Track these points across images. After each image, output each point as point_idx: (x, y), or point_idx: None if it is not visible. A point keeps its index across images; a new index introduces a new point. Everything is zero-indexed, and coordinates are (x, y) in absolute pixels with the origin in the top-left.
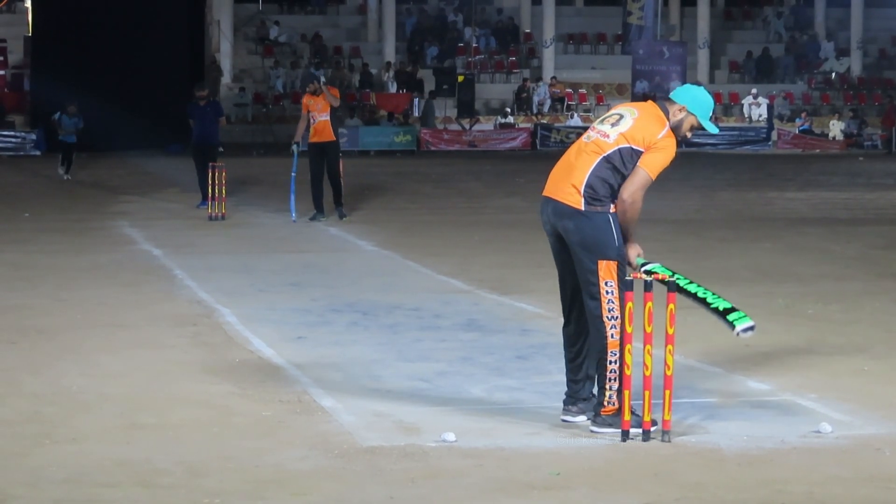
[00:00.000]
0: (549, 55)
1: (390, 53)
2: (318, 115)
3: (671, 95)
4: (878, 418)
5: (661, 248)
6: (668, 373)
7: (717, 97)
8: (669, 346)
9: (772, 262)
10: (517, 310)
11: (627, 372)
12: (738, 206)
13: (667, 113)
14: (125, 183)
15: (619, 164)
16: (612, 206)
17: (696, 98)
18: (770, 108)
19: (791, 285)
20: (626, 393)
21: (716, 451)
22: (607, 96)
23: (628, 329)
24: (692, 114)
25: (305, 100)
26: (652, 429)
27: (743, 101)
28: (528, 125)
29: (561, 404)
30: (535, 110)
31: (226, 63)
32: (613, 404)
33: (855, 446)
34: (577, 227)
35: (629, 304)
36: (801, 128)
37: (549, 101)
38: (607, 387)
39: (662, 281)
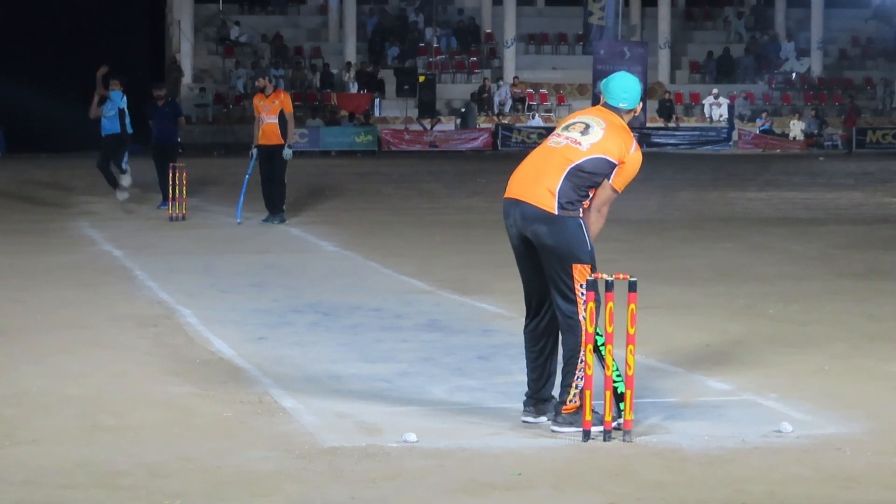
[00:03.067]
0: (510, 55)
1: (351, 54)
2: (266, 116)
3: (609, 100)
4: (839, 418)
5: (623, 249)
6: (630, 372)
7: (677, 97)
8: (630, 346)
9: (732, 262)
10: (478, 310)
11: (589, 372)
12: (699, 206)
13: (621, 117)
14: (85, 183)
15: (591, 172)
16: (581, 210)
17: (632, 94)
18: (731, 108)
19: (752, 285)
20: (588, 393)
21: (677, 451)
22: (568, 96)
23: (589, 329)
24: (635, 108)
25: (256, 100)
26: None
27: (704, 102)
28: (490, 125)
29: (521, 403)
30: (496, 111)
31: (186, 63)
32: (575, 402)
33: (815, 446)
34: (550, 232)
35: (590, 304)
36: (761, 128)
37: (510, 102)
38: (573, 384)
39: None
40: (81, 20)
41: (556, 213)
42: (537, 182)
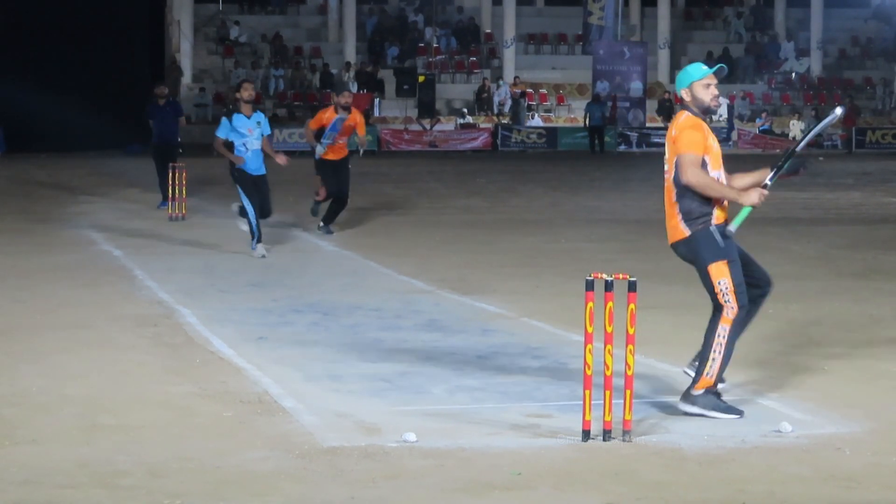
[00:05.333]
0: (509, 55)
1: (351, 54)
2: (340, 137)
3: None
4: (838, 417)
5: (623, 249)
6: (629, 372)
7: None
8: (630, 346)
9: None
10: (478, 310)
11: (588, 372)
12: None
13: (683, 107)
14: (85, 183)
15: (678, 181)
16: (712, 219)
17: (685, 75)
18: (730, 108)
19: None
20: (587, 392)
21: (677, 451)
22: (568, 96)
23: (588, 329)
24: (691, 85)
25: (327, 116)
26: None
27: None
28: (489, 125)
29: (521, 404)
30: (495, 110)
31: (186, 63)
32: (711, 377)
33: (815, 445)
34: (688, 251)
35: (590, 304)
36: (761, 128)
37: (509, 102)
38: (711, 358)
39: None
40: (81, 20)
41: (688, 233)
42: (667, 221)
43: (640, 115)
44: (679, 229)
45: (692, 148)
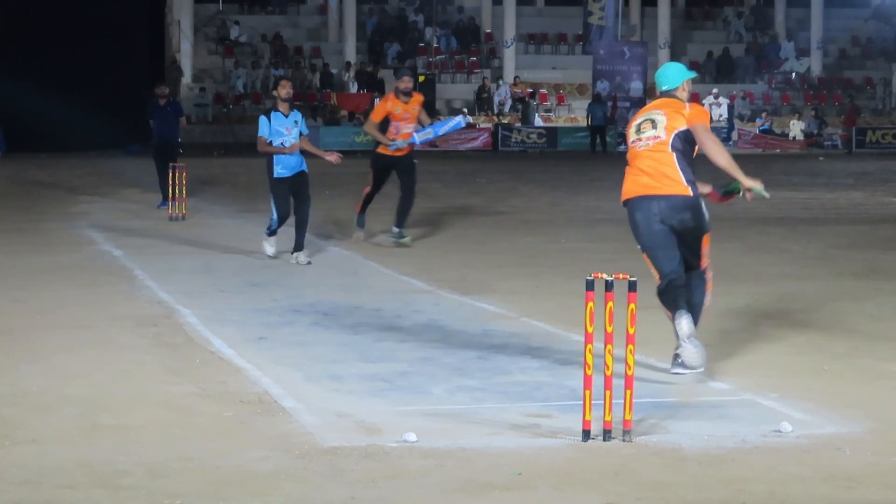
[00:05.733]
0: (509, 55)
1: (351, 53)
2: (405, 125)
3: (665, 87)
4: (838, 417)
5: (624, 249)
6: (629, 372)
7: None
8: (630, 346)
9: (733, 262)
10: (478, 310)
11: (588, 372)
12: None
13: (673, 98)
14: (85, 183)
15: (682, 147)
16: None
17: (680, 71)
18: (731, 108)
19: (752, 285)
20: (587, 392)
21: (677, 451)
22: (568, 96)
23: (589, 329)
24: (685, 82)
25: (389, 105)
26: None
27: (703, 101)
28: (489, 125)
29: (521, 404)
30: (496, 110)
31: (186, 63)
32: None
33: (815, 445)
34: (693, 217)
35: (590, 304)
36: (761, 128)
37: (510, 102)
38: (700, 319)
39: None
40: (81, 20)
41: (692, 194)
42: (659, 177)
43: None
44: (683, 186)
45: (705, 118)
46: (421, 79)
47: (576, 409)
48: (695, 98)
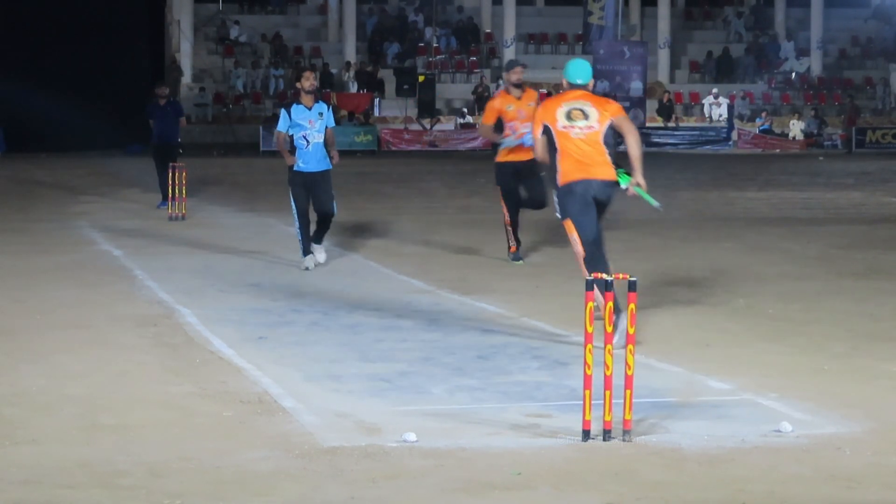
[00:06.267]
0: (509, 55)
1: (351, 53)
2: (522, 125)
3: (579, 80)
4: (839, 417)
5: (623, 248)
6: (629, 372)
7: (677, 97)
8: (630, 346)
9: (732, 262)
10: (478, 310)
11: (588, 372)
12: (699, 205)
13: (585, 89)
14: (85, 183)
15: (608, 136)
16: None
17: (588, 67)
18: (730, 107)
19: (751, 285)
20: (587, 392)
21: (677, 451)
22: None
23: (589, 329)
24: (589, 83)
25: (500, 103)
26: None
27: (703, 101)
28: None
29: (521, 403)
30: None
31: (186, 63)
32: None
33: (815, 445)
34: (614, 193)
35: (590, 304)
36: (761, 128)
37: None
38: None
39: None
40: (81, 20)
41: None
42: (596, 163)
43: (641, 114)
44: (612, 170)
45: (625, 114)
46: (421, 79)
47: (576, 409)
48: (694, 98)
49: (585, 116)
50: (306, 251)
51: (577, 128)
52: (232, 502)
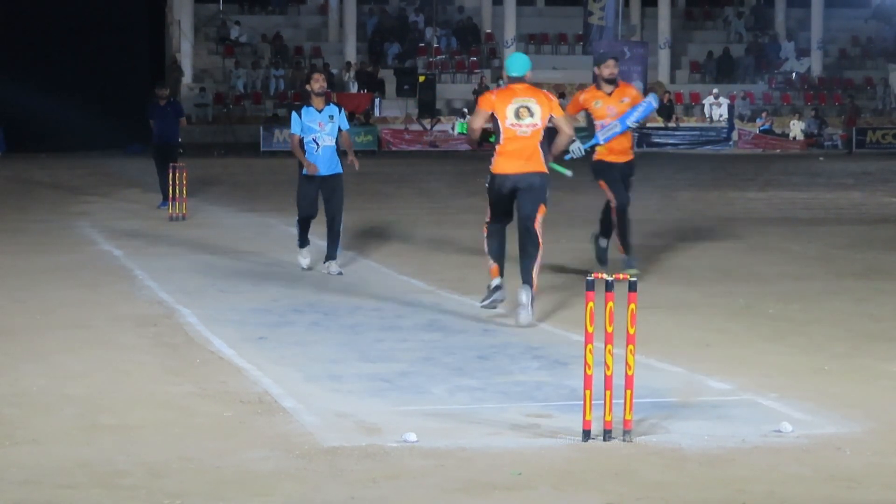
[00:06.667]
0: (509, 55)
1: (351, 53)
2: (612, 124)
3: (515, 73)
4: (839, 417)
5: None
6: (630, 372)
7: (677, 97)
8: (630, 346)
9: (732, 262)
10: (478, 310)
11: (589, 372)
12: (699, 205)
13: (524, 81)
14: (85, 183)
15: (546, 131)
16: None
17: (526, 60)
18: (731, 108)
19: (752, 285)
20: (588, 392)
21: (677, 451)
22: (569, 96)
23: (589, 329)
24: (529, 71)
25: (590, 97)
26: None
27: (704, 101)
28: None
29: (522, 404)
30: None
31: (186, 63)
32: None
33: (815, 445)
34: (540, 183)
35: (590, 304)
36: (761, 128)
37: None
38: (536, 274)
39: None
40: (81, 20)
41: (546, 171)
42: (531, 158)
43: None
44: (542, 164)
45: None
46: (421, 79)
47: (576, 409)
48: (694, 98)
49: (531, 114)
50: (302, 243)
51: (524, 126)
52: (232, 502)
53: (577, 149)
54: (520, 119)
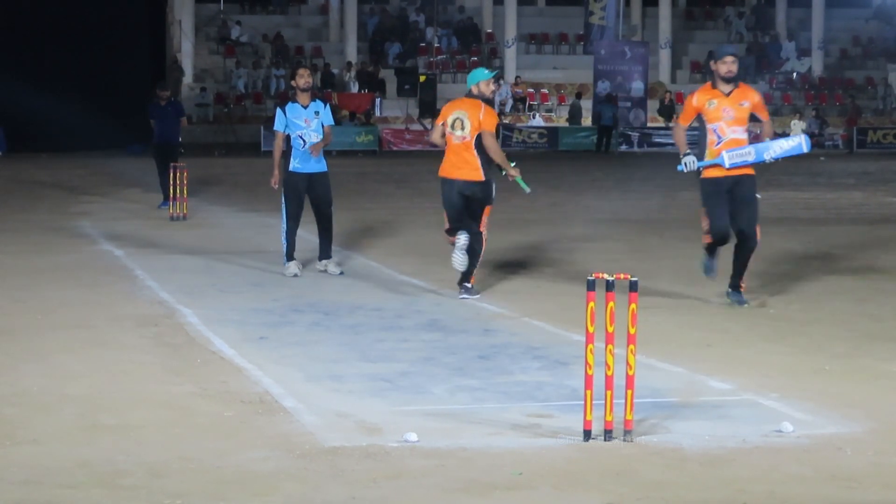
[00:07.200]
0: (510, 55)
1: (352, 53)
2: (729, 129)
3: (468, 86)
4: (839, 417)
5: (624, 248)
6: (630, 372)
7: (678, 97)
8: (631, 346)
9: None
10: (479, 310)
11: (589, 372)
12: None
13: (477, 97)
14: (86, 183)
15: (479, 145)
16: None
17: (476, 75)
18: None
19: (752, 285)
20: (588, 392)
21: (678, 451)
22: (569, 96)
23: (590, 329)
24: (479, 83)
25: (697, 99)
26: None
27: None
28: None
29: (522, 403)
30: (496, 110)
31: (187, 63)
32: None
33: (816, 445)
34: (481, 192)
35: (591, 304)
36: None
37: (510, 102)
38: (478, 265)
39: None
40: (82, 20)
41: (483, 178)
42: (464, 166)
43: (642, 115)
44: (479, 172)
45: (492, 126)
46: (422, 79)
47: (577, 409)
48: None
49: (462, 127)
50: (290, 256)
51: (456, 136)
52: (233, 502)
53: (691, 162)
54: (454, 129)
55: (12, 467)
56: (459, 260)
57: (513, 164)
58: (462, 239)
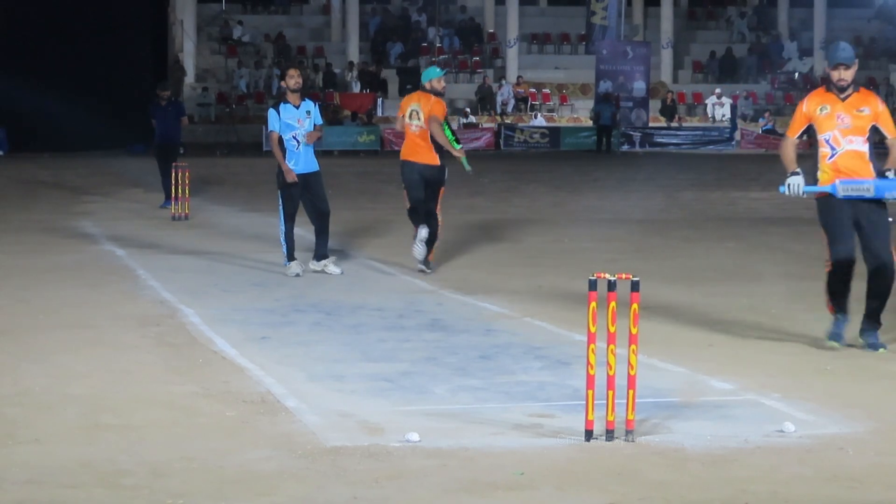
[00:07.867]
0: (512, 55)
1: (354, 53)
2: (847, 140)
3: (422, 81)
4: (841, 417)
5: (626, 248)
6: (632, 372)
7: (680, 97)
8: (633, 346)
9: (735, 262)
10: (480, 310)
11: (591, 371)
12: (702, 205)
13: (429, 91)
14: (88, 183)
15: (430, 133)
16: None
17: (429, 73)
18: (733, 108)
19: (754, 285)
20: (590, 392)
21: (679, 451)
22: (571, 96)
23: (591, 329)
24: (430, 80)
25: (808, 105)
26: None
27: (706, 101)
28: (492, 125)
29: (524, 403)
30: (498, 110)
31: (189, 63)
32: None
33: (818, 445)
34: (438, 172)
35: (592, 304)
36: (764, 128)
37: (512, 101)
38: (436, 245)
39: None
40: (84, 20)
41: (438, 163)
42: (421, 151)
43: (644, 114)
44: (435, 157)
45: (440, 113)
46: None
47: (578, 409)
48: (697, 98)
49: (418, 118)
50: (291, 256)
51: (413, 126)
52: (234, 502)
53: (796, 185)
54: (411, 120)
55: (14, 467)
56: (419, 250)
57: (458, 147)
58: (423, 232)
